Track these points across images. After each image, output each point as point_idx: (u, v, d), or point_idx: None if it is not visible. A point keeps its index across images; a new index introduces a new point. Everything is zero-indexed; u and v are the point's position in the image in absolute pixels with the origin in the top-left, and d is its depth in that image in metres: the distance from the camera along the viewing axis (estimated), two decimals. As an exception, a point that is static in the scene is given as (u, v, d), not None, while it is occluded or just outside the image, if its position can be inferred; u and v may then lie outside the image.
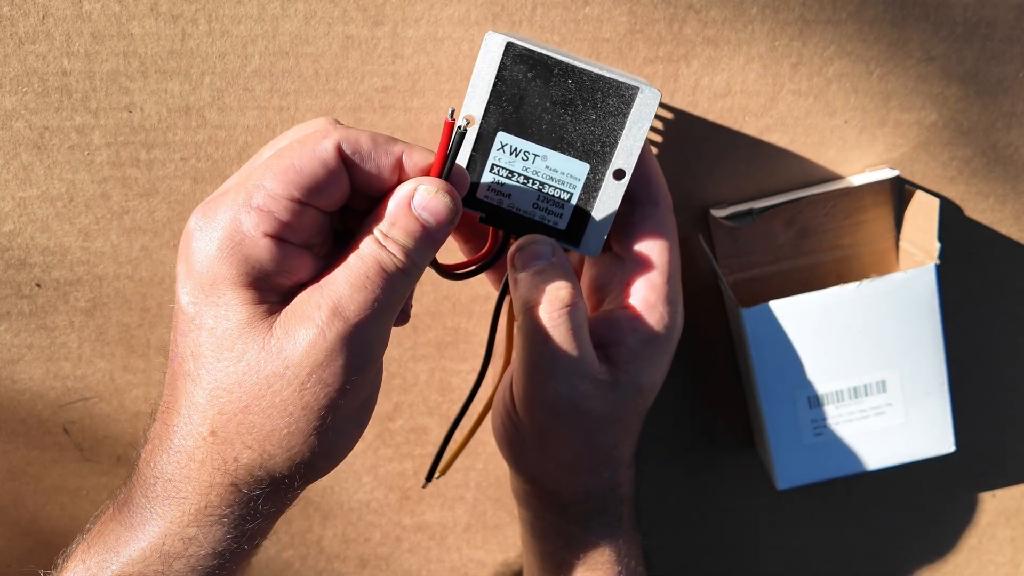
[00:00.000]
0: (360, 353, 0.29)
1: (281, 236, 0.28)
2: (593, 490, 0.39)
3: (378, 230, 0.29)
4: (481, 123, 0.34)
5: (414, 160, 0.30)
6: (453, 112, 0.30)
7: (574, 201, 0.35)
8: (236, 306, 0.28)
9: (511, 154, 0.34)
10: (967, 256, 0.45)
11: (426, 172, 0.31)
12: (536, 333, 0.35)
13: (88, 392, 0.45)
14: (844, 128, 0.42)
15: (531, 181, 0.35)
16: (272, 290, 0.29)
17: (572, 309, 0.35)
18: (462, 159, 0.34)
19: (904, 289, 0.41)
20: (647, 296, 0.37)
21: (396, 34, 0.39)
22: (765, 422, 0.44)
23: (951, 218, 0.44)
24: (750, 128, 0.42)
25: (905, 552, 0.53)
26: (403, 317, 0.34)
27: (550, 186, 0.35)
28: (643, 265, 0.37)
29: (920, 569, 0.53)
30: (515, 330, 0.38)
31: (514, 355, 0.39)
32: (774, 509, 0.51)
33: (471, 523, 0.50)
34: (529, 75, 0.33)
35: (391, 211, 0.30)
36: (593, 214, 0.35)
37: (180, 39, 0.38)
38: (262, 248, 0.28)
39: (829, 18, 0.40)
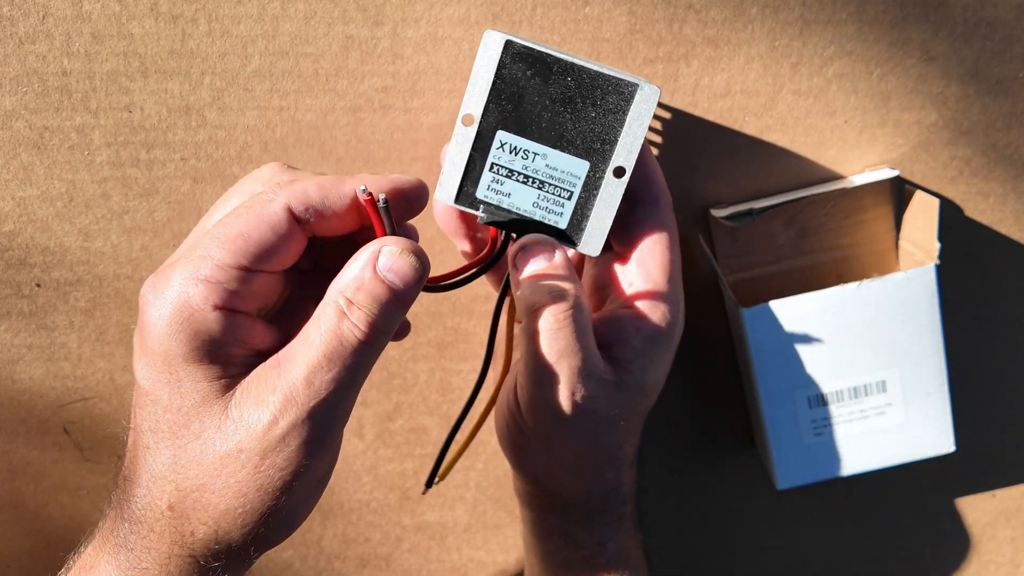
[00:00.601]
0: (316, 437, 0.28)
1: (231, 307, 0.28)
2: (596, 490, 0.39)
3: (341, 296, 0.28)
4: (480, 122, 0.34)
5: (373, 188, 0.30)
6: (365, 189, 0.29)
7: (574, 200, 0.35)
8: (190, 383, 0.28)
9: (511, 153, 0.34)
10: (967, 256, 0.45)
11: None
12: (541, 335, 0.35)
13: (88, 392, 0.45)
14: (844, 128, 0.42)
15: (531, 180, 0.35)
16: (227, 362, 0.28)
17: (577, 311, 0.35)
18: (461, 159, 0.34)
19: (904, 289, 0.41)
20: (650, 295, 0.37)
21: (396, 34, 0.39)
22: (765, 422, 0.44)
23: (951, 218, 0.44)
24: (750, 128, 0.42)
25: (905, 552, 0.53)
26: (402, 329, 0.34)
27: (550, 185, 0.35)
28: (645, 264, 0.37)
29: (919, 569, 0.53)
30: (518, 332, 0.38)
31: (517, 357, 0.38)
32: (774, 509, 0.51)
33: (471, 523, 0.50)
34: (528, 73, 0.33)
35: (355, 275, 0.28)
36: (594, 212, 0.35)
37: (180, 39, 0.38)
38: (212, 321, 0.28)
39: (829, 18, 0.40)
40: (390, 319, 0.29)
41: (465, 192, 0.35)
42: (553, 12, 0.39)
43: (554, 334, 0.34)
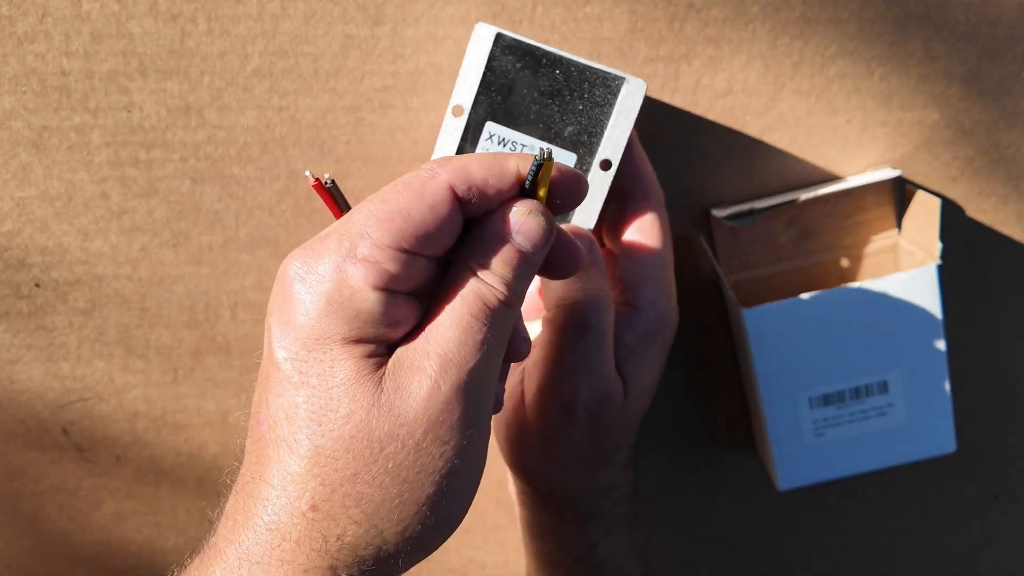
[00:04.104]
0: (475, 403, 0.26)
1: (390, 288, 0.26)
2: (589, 492, 0.39)
3: (473, 260, 0.27)
4: (470, 113, 0.34)
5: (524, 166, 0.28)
6: (310, 174, 0.28)
7: None
8: (344, 362, 0.25)
9: (499, 144, 0.34)
10: (969, 256, 0.45)
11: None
12: (570, 330, 0.34)
13: (87, 392, 0.45)
14: (845, 128, 0.42)
15: None
16: (379, 343, 0.26)
17: (607, 311, 0.35)
18: (450, 148, 0.35)
19: (905, 289, 0.41)
20: (643, 292, 0.37)
21: (396, 33, 0.39)
22: (766, 422, 0.43)
23: (953, 218, 0.44)
24: (751, 127, 0.42)
25: (905, 553, 0.52)
26: (526, 346, 0.31)
27: None
28: (637, 261, 0.37)
29: (920, 570, 0.53)
30: (544, 324, 0.37)
31: (535, 351, 0.38)
32: (775, 510, 0.51)
33: (471, 524, 0.50)
34: (518, 65, 0.34)
35: (485, 241, 0.27)
36: (580, 205, 0.35)
37: (179, 38, 0.38)
38: (372, 302, 0.25)
39: (831, 17, 0.40)
40: (523, 280, 0.28)
41: None
42: (554, 11, 0.39)
43: (582, 331, 0.34)
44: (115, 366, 0.44)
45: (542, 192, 0.28)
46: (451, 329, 0.26)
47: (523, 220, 0.27)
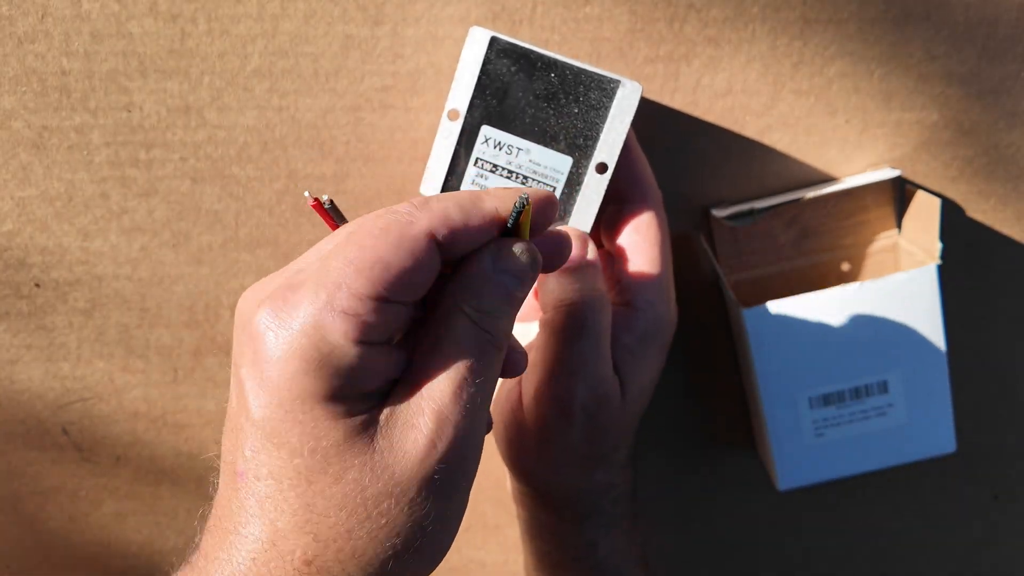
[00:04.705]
0: (470, 454, 0.26)
1: (370, 339, 0.25)
2: (587, 492, 0.39)
3: (467, 304, 0.26)
4: (465, 117, 0.34)
5: (507, 208, 0.27)
6: (308, 194, 0.28)
7: (557, 195, 0.35)
8: (329, 423, 0.25)
9: (495, 148, 0.35)
10: (969, 256, 0.45)
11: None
12: (567, 331, 0.34)
13: (87, 392, 0.45)
14: (845, 128, 0.42)
15: (514, 175, 0.35)
16: (361, 397, 0.25)
17: (604, 312, 0.35)
18: (447, 152, 0.35)
19: (905, 289, 0.41)
20: (641, 293, 0.37)
21: (396, 33, 0.39)
22: (766, 422, 0.43)
23: (953, 218, 0.44)
24: (751, 128, 0.42)
25: (905, 553, 0.52)
26: (523, 360, 0.31)
27: (533, 180, 0.35)
28: (634, 262, 0.37)
29: (920, 570, 0.53)
30: (541, 325, 0.37)
31: (532, 352, 0.38)
32: (774, 510, 0.51)
33: (471, 523, 0.50)
34: (512, 69, 0.34)
35: (475, 283, 0.27)
36: (576, 208, 0.35)
37: (179, 38, 0.38)
38: (352, 357, 0.24)
39: (830, 17, 0.40)
40: (512, 320, 0.28)
41: (449, 186, 0.35)
42: (554, 11, 0.39)
43: (579, 332, 0.34)
44: (115, 366, 0.44)
45: (524, 230, 0.28)
46: (444, 382, 0.26)
47: (512, 260, 0.27)
